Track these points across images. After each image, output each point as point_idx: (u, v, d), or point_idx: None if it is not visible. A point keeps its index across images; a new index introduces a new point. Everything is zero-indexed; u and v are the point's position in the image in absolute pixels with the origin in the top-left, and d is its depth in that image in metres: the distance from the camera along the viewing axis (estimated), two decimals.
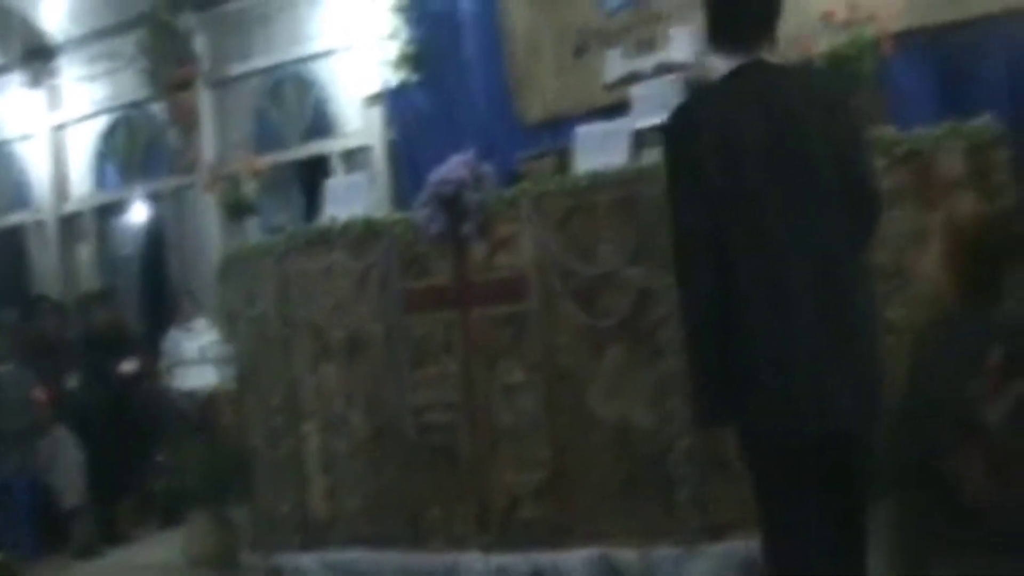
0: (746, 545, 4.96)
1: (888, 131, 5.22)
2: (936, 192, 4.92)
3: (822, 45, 6.20)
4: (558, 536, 5.79)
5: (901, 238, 4.85)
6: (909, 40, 6.49)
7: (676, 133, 3.53)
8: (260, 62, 10.77)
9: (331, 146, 10.36)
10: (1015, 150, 4.95)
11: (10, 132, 12.61)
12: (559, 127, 7.79)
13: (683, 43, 7.03)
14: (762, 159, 3.31)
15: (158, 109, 11.33)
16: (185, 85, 10.93)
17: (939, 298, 3.91)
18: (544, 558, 5.78)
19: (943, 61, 6.77)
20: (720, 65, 3.55)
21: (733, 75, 3.47)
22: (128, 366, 9.33)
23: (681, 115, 3.58)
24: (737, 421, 3.42)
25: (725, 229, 3.30)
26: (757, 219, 3.30)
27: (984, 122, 4.95)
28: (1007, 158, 4.88)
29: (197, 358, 9.43)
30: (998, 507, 3.57)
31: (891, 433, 3.69)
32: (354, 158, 10.11)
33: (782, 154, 3.32)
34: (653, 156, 5.63)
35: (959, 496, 3.60)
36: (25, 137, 12.50)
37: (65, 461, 8.80)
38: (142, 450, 8.73)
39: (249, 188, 8.05)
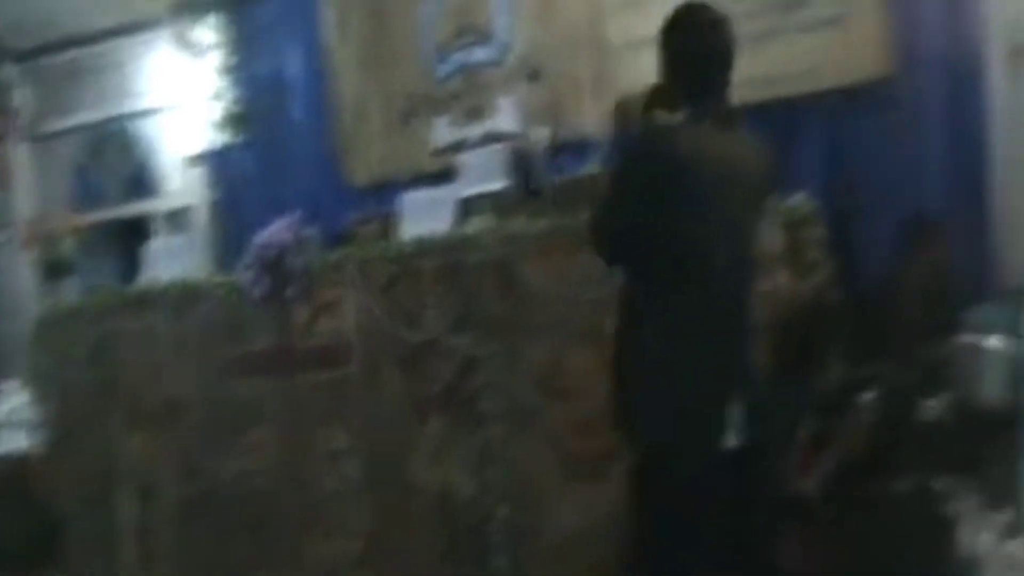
0: None
1: None
2: None
3: None
4: None
5: None
6: None
7: (644, 151, 3.70)
8: (82, 117, 10.50)
9: (153, 206, 10.15)
10: (829, 228, 5.09)
11: None
12: (386, 192, 7.74)
13: (510, 113, 7.10)
14: (706, 199, 3.54)
15: None
16: (0, 138, 10.64)
17: None
18: None
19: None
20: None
21: (691, 119, 3.68)
22: None
23: (654, 139, 3.76)
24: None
25: (662, 249, 3.55)
26: (693, 246, 3.56)
27: (799, 200, 5.08)
28: (821, 235, 5.01)
29: (5, 421, 9.12)
30: None
31: None
32: (177, 219, 9.91)
33: (721, 196, 3.56)
34: (479, 224, 5.68)
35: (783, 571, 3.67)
36: None
37: None
38: None
39: (67, 247, 7.87)
